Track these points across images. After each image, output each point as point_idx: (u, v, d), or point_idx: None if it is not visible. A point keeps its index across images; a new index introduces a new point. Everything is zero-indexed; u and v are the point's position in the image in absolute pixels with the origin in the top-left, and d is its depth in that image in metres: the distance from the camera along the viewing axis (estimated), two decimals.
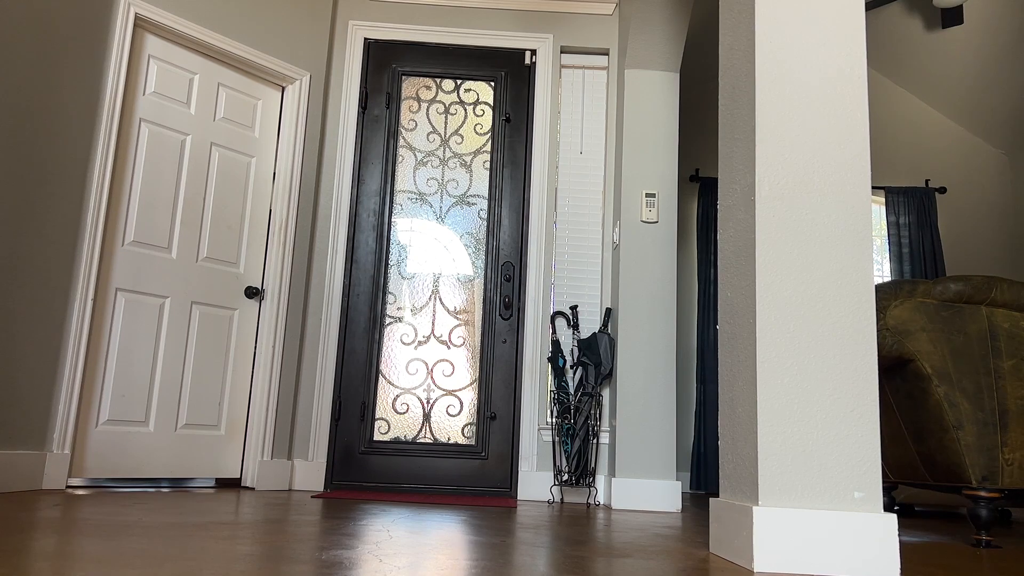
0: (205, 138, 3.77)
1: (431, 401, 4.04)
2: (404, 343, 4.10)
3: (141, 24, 3.53)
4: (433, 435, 4.01)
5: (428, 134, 4.31)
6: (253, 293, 3.87)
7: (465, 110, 4.34)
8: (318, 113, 4.17)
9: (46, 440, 3.08)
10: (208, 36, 3.71)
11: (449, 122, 4.33)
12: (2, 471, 2.84)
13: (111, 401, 3.35)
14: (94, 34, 3.30)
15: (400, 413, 4.03)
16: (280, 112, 4.10)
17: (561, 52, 4.40)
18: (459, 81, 4.37)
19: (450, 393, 4.05)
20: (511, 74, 4.34)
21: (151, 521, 2.13)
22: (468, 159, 4.29)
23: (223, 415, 3.74)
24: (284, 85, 4.10)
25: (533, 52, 4.36)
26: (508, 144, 4.29)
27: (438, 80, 4.37)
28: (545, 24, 4.40)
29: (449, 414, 4.03)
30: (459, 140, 4.31)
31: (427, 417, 4.02)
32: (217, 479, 3.72)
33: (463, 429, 4.01)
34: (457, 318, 4.12)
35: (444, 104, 4.35)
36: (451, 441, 4.00)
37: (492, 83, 4.36)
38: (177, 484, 3.59)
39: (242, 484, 3.78)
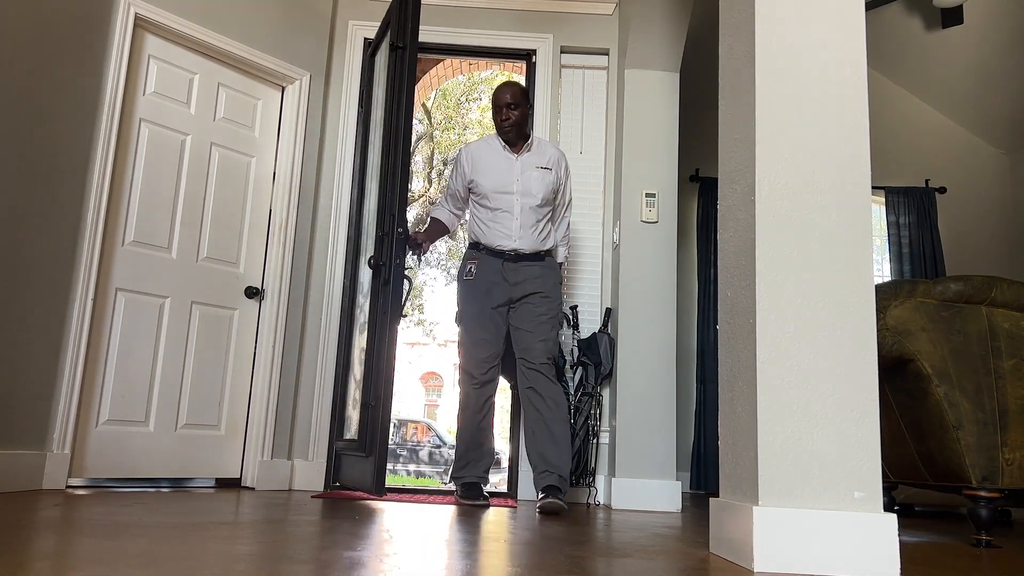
0: (205, 138, 3.77)
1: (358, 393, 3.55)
2: (361, 332, 3.68)
3: (141, 24, 3.52)
4: (353, 431, 3.54)
5: None
6: (253, 293, 3.86)
7: None
8: (318, 113, 4.16)
9: (46, 440, 3.08)
10: (208, 36, 3.71)
11: None
12: (2, 471, 2.84)
13: (111, 401, 3.35)
14: (94, 34, 3.30)
15: (354, 409, 3.64)
16: (280, 112, 4.10)
17: (561, 52, 4.40)
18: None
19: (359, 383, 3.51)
20: None
21: (151, 521, 2.13)
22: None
23: (223, 415, 3.74)
24: (284, 85, 4.10)
25: None
26: (393, 76, 3.54)
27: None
28: (545, 24, 4.40)
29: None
30: None
31: (354, 411, 3.55)
32: (217, 479, 3.72)
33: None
34: None
35: None
36: (351, 436, 3.53)
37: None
38: (177, 484, 3.59)
39: (242, 484, 3.78)
